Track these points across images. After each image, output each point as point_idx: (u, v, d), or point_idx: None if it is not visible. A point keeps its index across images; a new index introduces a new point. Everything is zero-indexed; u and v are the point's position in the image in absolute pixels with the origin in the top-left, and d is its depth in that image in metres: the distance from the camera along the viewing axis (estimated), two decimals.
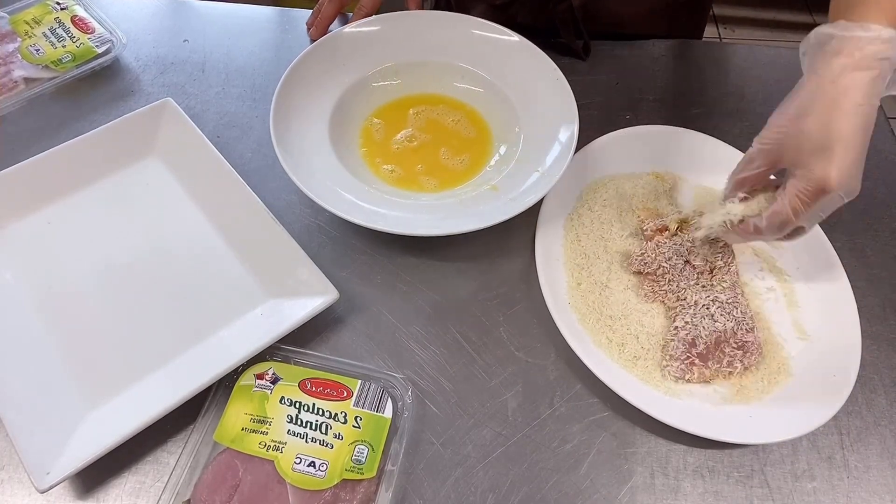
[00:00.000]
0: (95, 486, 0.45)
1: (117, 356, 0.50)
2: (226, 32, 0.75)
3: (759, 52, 0.76)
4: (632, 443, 0.48)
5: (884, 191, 0.63)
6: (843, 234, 0.59)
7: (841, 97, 0.42)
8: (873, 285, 0.56)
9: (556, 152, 0.56)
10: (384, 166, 0.60)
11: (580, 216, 0.58)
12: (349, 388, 0.46)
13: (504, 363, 0.51)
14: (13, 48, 0.68)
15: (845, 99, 0.42)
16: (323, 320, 0.52)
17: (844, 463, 0.47)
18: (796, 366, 0.50)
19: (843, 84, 0.42)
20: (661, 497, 0.46)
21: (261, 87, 0.70)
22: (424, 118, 0.64)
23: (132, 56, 0.72)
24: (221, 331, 0.51)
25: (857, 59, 0.42)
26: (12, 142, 0.64)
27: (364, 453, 0.44)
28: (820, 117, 0.43)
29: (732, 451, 0.48)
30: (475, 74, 0.65)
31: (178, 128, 0.61)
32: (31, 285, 0.53)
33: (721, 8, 2.09)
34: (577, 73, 0.66)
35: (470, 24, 0.65)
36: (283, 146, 0.54)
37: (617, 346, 0.51)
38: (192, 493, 0.43)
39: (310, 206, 0.60)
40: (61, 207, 0.58)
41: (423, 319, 0.53)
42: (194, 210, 0.58)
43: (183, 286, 0.53)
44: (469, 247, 0.57)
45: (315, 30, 0.73)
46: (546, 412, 0.49)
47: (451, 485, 0.46)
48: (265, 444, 0.44)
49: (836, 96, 0.43)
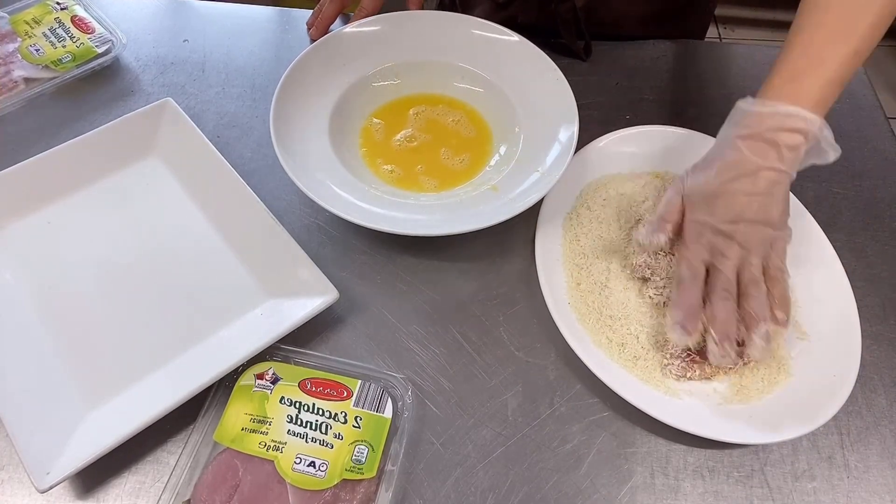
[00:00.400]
0: (95, 486, 0.45)
1: (117, 356, 0.50)
2: (226, 32, 0.75)
3: (759, 52, 0.76)
4: (632, 443, 0.48)
5: (884, 191, 0.63)
6: (843, 233, 0.59)
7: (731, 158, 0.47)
8: (873, 285, 0.56)
9: (556, 152, 0.56)
10: (384, 166, 0.60)
11: (579, 216, 0.58)
12: (349, 388, 0.46)
13: (504, 363, 0.51)
14: (13, 48, 0.68)
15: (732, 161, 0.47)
16: (323, 320, 0.52)
17: (844, 463, 0.47)
18: (796, 366, 0.50)
19: (736, 148, 0.47)
20: (661, 497, 0.46)
21: (261, 87, 0.70)
22: (424, 118, 0.64)
23: (132, 56, 0.72)
24: (221, 331, 0.51)
25: (752, 132, 0.47)
26: (12, 142, 0.64)
27: (364, 453, 0.44)
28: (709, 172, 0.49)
29: (732, 451, 0.48)
30: (475, 74, 0.65)
31: (178, 128, 0.61)
32: (31, 285, 0.53)
33: (721, 8, 2.08)
34: (577, 73, 0.66)
35: (470, 24, 0.65)
36: (283, 146, 0.54)
37: (617, 346, 0.51)
38: (192, 493, 0.43)
39: (310, 206, 0.60)
40: (61, 207, 0.58)
41: (423, 319, 0.53)
42: (194, 210, 0.58)
43: (183, 286, 0.53)
44: (469, 247, 0.58)
45: (315, 30, 0.73)
46: (546, 412, 0.49)
47: (451, 485, 0.46)
48: (265, 444, 0.44)
49: (728, 156, 0.48)
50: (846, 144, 0.66)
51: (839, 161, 0.64)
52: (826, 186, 0.63)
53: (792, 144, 0.46)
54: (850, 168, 0.65)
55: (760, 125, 0.47)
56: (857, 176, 0.64)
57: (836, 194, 0.63)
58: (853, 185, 0.63)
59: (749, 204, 0.46)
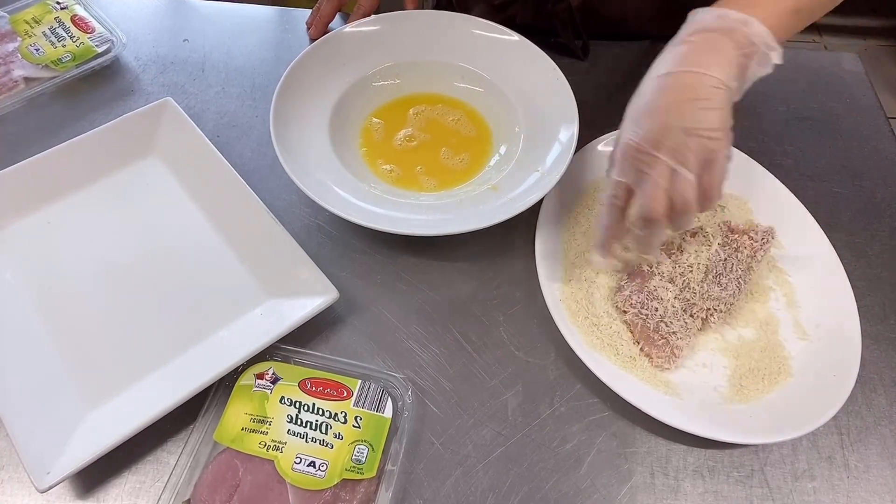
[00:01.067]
0: (95, 486, 0.45)
1: (117, 356, 0.50)
2: (226, 32, 0.75)
3: None
4: (632, 443, 0.48)
5: (884, 191, 0.63)
6: (843, 233, 0.59)
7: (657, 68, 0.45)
8: (873, 285, 0.56)
9: (556, 152, 0.56)
10: (384, 166, 0.60)
11: (579, 216, 0.57)
12: (349, 387, 0.46)
13: (504, 363, 0.51)
14: (13, 48, 0.68)
15: (657, 71, 0.44)
16: (323, 320, 0.52)
17: (844, 463, 0.47)
18: (796, 366, 0.50)
19: (662, 58, 0.45)
20: (661, 497, 0.46)
21: (261, 86, 0.70)
22: (424, 118, 0.64)
23: (132, 56, 0.72)
24: (221, 331, 0.51)
25: (680, 38, 0.44)
26: (12, 142, 0.64)
27: (364, 453, 0.44)
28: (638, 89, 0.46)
29: (732, 451, 0.48)
30: (475, 74, 0.65)
31: (178, 127, 0.61)
32: (31, 285, 0.53)
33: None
34: (577, 73, 0.66)
35: (470, 24, 0.65)
36: (283, 146, 0.54)
37: (611, 347, 0.50)
38: (192, 492, 0.43)
39: (310, 205, 0.60)
40: (61, 207, 0.58)
41: (423, 319, 0.53)
42: (194, 210, 0.58)
43: (183, 286, 0.53)
44: (469, 247, 0.58)
45: (314, 29, 0.73)
46: (546, 412, 0.49)
47: (451, 485, 0.46)
48: (265, 443, 0.44)
49: (654, 68, 0.45)
50: (846, 144, 0.67)
51: (839, 161, 0.65)
52: (826, 186, 0.63)
53: (720, 48, 0.42)
54: (850, 168, 0.65)
55: (688, 30, 0.44)
56: (857, 176, 0.64)
57: (836, 194, 0.63)
58: (853, 185, 0.63)
59: (677, 111, 0.42)
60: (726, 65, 0.42)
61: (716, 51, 0.43)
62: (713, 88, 0.42)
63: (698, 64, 0.42)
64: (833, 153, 0.66)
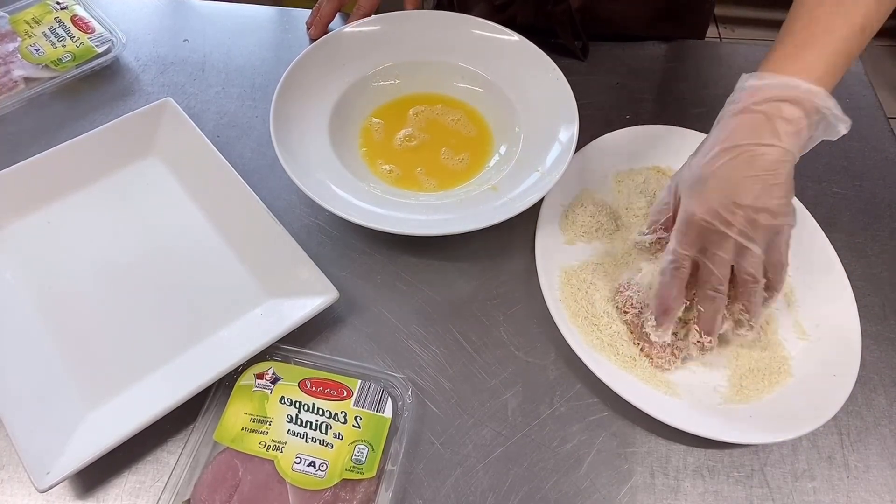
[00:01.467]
0: (95, 486, 0.45)
1: (117, 356, 0.50)
2: (226, 32, 0.75)
3: (759, 52, 0.76)
4: (632, 443, 0.48)
5: (884, 191, 0.63)
6: (843, 233, 0.59)
7: (722, 138, 0.44)
8: (873, 285, 0.56)
9: (556, 152, 0.56)
10: (384, 166, 0.60)
11: (579, 216, 0.57)
12: (349, 387, 0.46)
13: (504, 363, 0.51)
14: (13, 48, 0.68)
15: (722, 140, 0.43)
16: (323, 320, 0.52)
17: (844, 463, 0.47)
18: (796, 366, 0.50)
19: (726, 126, 0.44)
20: (661, 497, 0.46)
21: (261, 86, 0.70)
22: (424, 118, 0.64)
23: (132, 56, 0.72)
24: (221, 331, 0.51)
25: (744, 106, 0.43)
26: (12, 142, 0.64)
27: (364, 453, 0.44)
28: (700, 156, 0.45)
29: (732, 450, 0.48)
30: (475, 74, 0.65)
31: (178, 127, 0.61)
32: (31, 285, 0.53)
33: (721, 8, 2.09)
34: (577, 73, 0.66)
35: (470, 24, 0.65)
36: (283, 146, 0.54)
37: (611, 348, 0.50)
38: (192, 492, 0.43)
39: (310, 205, 0.60)
40: (61, 207, 0.58)
41: (423, 319, 0.53)
42: (194, 210, 0.58)
43: (183, 286, 0.53)
44: (469, 247, 0.58)
45: (314, 29, 0.73)
46: (546, 412, 0.49)
47: (451, 485, 0.46)
48: (265, 443, 0.44)
49: (717, 136, 0.44)
50: (846, 144, 0.67)
51: (839, 161, 0.65)
52: (826, 186, 0.63)
53: (789, 117, 0.42)
54: (850, 168, 0.65)
55: (753, 98, 0.43)
56: (857, 176, 0.64)
57: (836, 194, 0.63)
58: (853, 185, 0.63)
59: (746, 187, 0.42)
60: (795, 135, 0.42)
61: (785, 121, 0.42)
62: (782, 162, 0.42)
63: (767, 136, 0.42)
64: (833, 153, 0.66)
